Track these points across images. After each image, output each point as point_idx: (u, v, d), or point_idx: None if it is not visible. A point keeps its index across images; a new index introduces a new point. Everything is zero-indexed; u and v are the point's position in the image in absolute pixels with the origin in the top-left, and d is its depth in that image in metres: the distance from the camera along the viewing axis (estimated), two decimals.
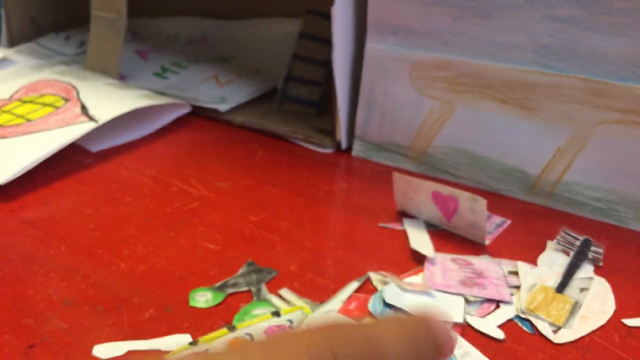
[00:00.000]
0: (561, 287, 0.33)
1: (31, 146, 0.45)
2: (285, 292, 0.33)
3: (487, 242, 0.38)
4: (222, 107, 0.56)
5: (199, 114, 0.57)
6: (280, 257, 0.36)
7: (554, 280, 0.34)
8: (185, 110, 0.56)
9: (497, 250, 0.38)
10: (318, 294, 0.33)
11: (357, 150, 0.51)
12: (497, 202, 0.44)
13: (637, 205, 0.40)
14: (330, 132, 0.52)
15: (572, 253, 0.36)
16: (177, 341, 0.29)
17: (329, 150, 0.52)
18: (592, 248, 0.36)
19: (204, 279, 0.34)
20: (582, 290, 0.34)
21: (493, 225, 0.40)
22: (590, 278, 0.34)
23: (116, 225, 0.39)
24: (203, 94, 0.60)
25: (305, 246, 0.38)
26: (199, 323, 0.31)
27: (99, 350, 0.29)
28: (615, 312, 0.33)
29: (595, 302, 0.33)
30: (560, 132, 0.41)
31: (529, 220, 0.42)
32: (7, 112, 0.51)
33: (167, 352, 0.28)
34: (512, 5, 0.41)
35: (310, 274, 0.35)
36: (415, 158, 0.48)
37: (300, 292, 0.33)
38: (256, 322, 0.29)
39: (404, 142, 0.48)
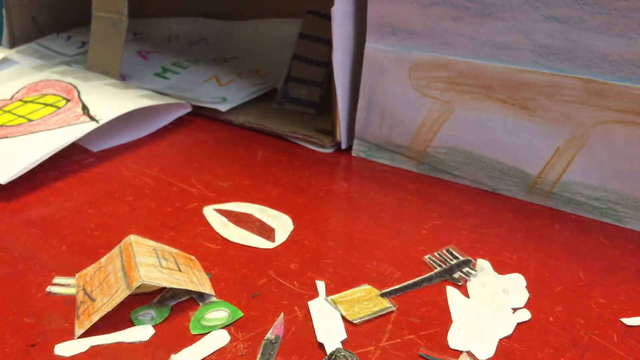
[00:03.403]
0: (388, 294, 0.33)
1: (32, 146, 0.45)
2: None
3: None
4: (223, 107, 0.56)
5: (199, 114, 0.57)
6: (280, 256, 0.37)
7: None
8: (186, 110, 0.56)
9: (496, 250, 0.38)
10: (317, 293, 0.33)
11: (357, 150, 0.51)
12: (497, 201, 0.44)
13: (635, 205, 0.40)
14: (330, 132, 0.52)
15: (436, 270, 0.36)
16: (139, 334, 0.30)
17: (329, 150, 0.52)
18: (465, 269, 0.36)
19: None
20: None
21: None
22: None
23: (117, 225, 0.39)
24: (204, 94, 0.60)
25: (306, 245, 0.38)
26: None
27: (60, 348, 0.29)
28: (614, 311, 0.33)
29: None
30: (559, 132, 0.42)
31: (528, 219, 0.42)
32: (9, 112, 0.51)
33: None
34: (511, 5, 0.41)
35: (311, 272, 0.35)
36: (415, 158, 0.48)
37: (302, 290, 0.33)
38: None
39: (404, 142, 0.48)
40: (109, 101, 0.52)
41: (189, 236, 0.38)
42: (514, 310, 0.33)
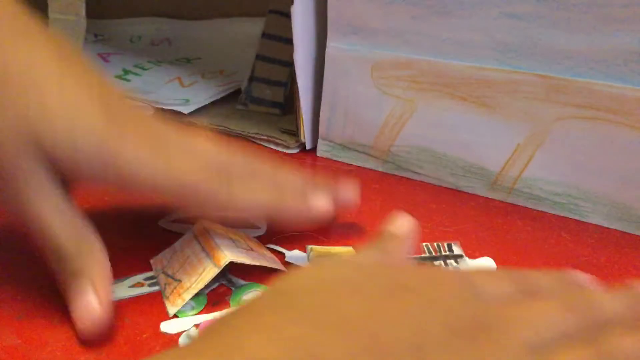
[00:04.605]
0: None
1: None
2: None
3: None
4: (186, 109, 0.55)
5: None
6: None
7: None
8: (147, 113, 0.55)
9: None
10: None
11: (322, 150, 0.51)
12: (459, 199, 0.44)
13: (595, 199, 0.41)
14: (295, 133, 0.52)
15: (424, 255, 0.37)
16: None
17: (294, 151, 0.51)
18: (457, 259, 0.37)
19: None
20: None
21: None
22: None
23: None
24: (166, 96, 0.59)
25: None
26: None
27: (166, 326, 0.30)
28: None
29: None
30: (519, 128, 0.42)
31: (491, 216, 0.42)
32: None
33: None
34: (470, 2, 0.41)
35: (273, 280, 0.34)
36: (379, 157, 0.48)
37: None
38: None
39: (367, 142, 0.48)
40: None
41: (145, 251, 0.37)
42: None
